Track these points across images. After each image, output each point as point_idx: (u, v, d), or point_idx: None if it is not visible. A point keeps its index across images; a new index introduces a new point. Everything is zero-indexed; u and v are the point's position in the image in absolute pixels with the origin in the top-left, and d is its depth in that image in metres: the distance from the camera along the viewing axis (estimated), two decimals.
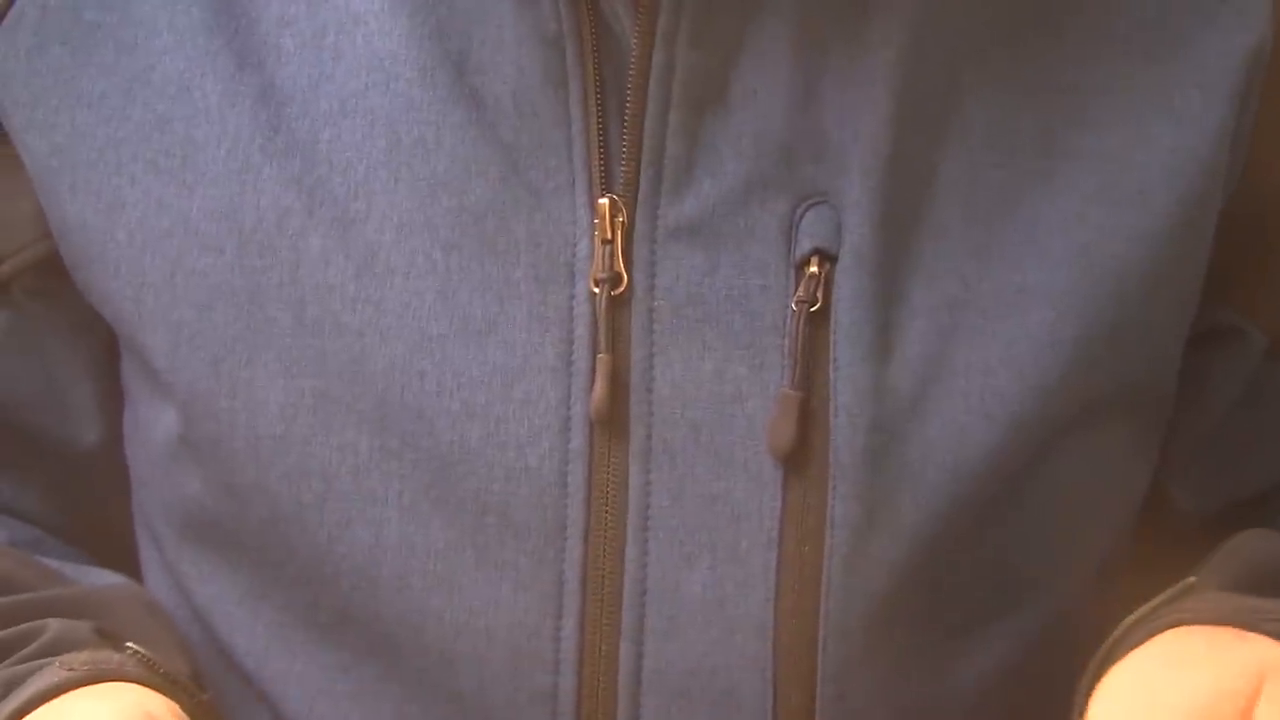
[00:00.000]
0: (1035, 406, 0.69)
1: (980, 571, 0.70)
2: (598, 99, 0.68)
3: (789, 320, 0.68)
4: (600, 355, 0.68)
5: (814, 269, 0.68)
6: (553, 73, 0.68)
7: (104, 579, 0.74)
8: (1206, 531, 0.75)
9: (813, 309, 0.68)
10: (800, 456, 0.68)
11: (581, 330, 0.68)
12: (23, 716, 0.62)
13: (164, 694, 0.65)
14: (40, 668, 0.65)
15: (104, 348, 0.76)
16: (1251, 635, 0.62)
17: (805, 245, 0.68)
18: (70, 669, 0.64)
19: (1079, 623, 0.72)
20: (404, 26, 0.70)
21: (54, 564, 0.74)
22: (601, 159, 0.68)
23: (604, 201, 0.68)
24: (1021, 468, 0.69)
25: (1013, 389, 0.68)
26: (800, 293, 0.68)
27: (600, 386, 0.68)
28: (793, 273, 0.68)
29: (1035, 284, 0.69)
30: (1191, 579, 0.67)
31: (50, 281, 0.74)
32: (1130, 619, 0.65)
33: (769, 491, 0.68)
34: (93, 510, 0.78)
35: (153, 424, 0.73)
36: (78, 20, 0.71)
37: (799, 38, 0.68)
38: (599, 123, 0.68)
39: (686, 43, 0.68)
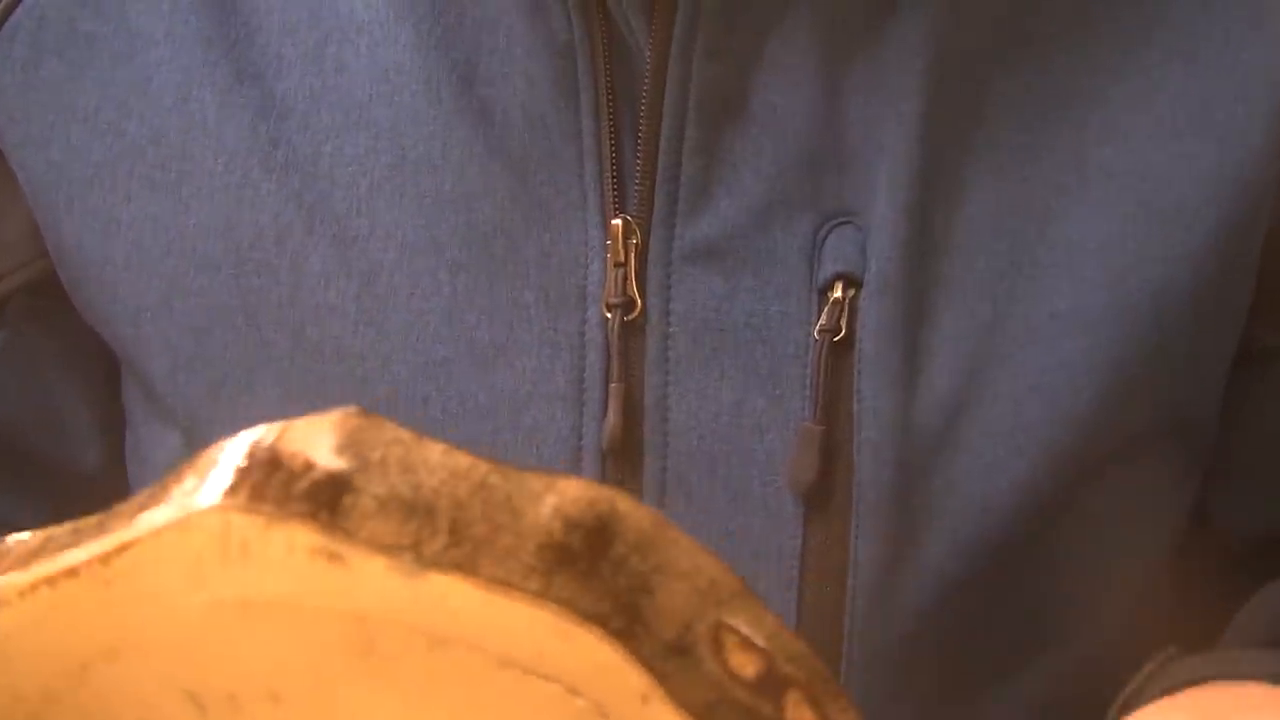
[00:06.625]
0: (1069, 439, 0.65)
1: (1011, 612, 0.67)
2: (610, 112, 0.65)
3: (811, 350, 0.65)
4: (613, 384, 0.65)
5: (838, 294, 0.65)
6: (563, 83, 0.65)
7: None
8: (1249, 555, 0.73)
9: (836, 339, 0.65)
10: (822, 493, 0.65)
11: (593, 357, 0.65)
12: None
13: None
14: None
15: (103, 368, 0.73)
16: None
17: (829, 269, 0.65)
18: None
19: (1118, 657, 0.69)
20: (409, 36, 0.67)
21: None
22: (614, 176, 0.65)
23: (617, 223, 0.65)
24: (1055, 503, 0.66)
25: (1045, 420, 0.65)
26: (823, 321, 0.65)
27: (613, 416, 0.65)
28: (815, 298, 0.65)
29: (1069, 309, 0.65)
30: (1171, 649, 0.65)
31: (46, 302, 0.72)
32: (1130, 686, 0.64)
33: (789, 529, 0.65)
34: None
35: (155, 447, 0.71)
36: (73, 31, 0.69)
37: (821, 49, 0.65)
38: (611, 138, 0.65)
39: (703, 54, 0.64)
